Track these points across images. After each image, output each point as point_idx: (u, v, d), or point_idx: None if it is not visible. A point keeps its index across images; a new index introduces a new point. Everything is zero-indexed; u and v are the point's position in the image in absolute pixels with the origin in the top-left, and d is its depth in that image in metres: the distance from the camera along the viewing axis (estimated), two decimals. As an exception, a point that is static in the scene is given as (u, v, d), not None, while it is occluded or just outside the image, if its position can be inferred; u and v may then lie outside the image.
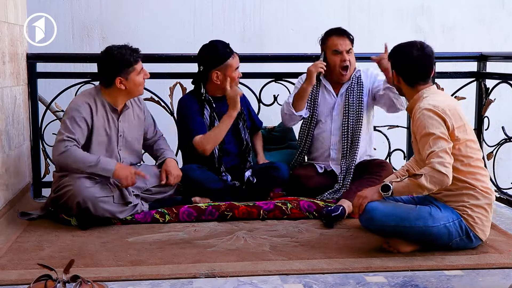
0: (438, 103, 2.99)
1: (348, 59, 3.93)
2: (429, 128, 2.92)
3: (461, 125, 2.99)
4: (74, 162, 3.45)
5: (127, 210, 3.55)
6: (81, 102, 3.55)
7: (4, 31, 3.75)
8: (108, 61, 3.55)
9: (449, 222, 2.98)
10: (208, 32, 5.66)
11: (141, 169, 3.75)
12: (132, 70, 3.55)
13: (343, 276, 2.78)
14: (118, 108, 3.64)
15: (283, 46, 5.58)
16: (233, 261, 2.94)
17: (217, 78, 3.89)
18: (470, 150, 3.01)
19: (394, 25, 5.99)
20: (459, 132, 2.98)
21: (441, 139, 2.90)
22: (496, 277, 2.80)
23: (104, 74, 3.59)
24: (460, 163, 2.98)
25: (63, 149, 3.45)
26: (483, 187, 3.01)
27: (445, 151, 2.88)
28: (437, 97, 3.06)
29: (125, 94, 3.61)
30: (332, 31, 3.98)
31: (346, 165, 3.93)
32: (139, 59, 3.58)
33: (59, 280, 2.49)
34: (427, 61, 3.09)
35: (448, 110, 2.97)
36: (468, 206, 3.00)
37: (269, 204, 3.71)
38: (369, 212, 3.00)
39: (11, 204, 3.73)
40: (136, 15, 5.67)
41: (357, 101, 3.96)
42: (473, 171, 3.01)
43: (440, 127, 2.92)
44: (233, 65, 3.88)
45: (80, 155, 3.46)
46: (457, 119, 2.99)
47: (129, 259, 2.98)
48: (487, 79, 4.43)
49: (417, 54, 3.07)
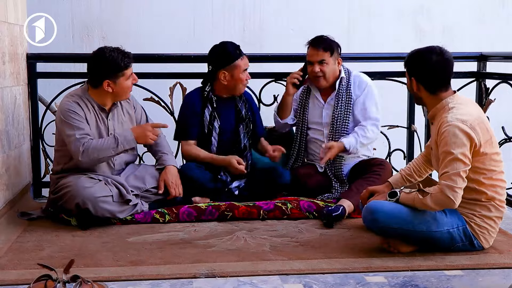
0: (467, 117, 2.90)
1: (320, 70, 3.95)
2: (450, 147, 2.85)
3: (488, 139, 2.93)
4: (99, 153, 3.47)
5: (127, 210, 3.55)
6: (71, 102, 3.54)
7: (4, 31, 3.75)
8: (99, 63, 3.53)
9: (453, 228, 2.97)
10: (208, 32, 5.66)
11: (140, 169, 3.75)
12: (121, 75, 3.54)
13: (343, 276, 2.78)
14: (106, 107, 3.63)
15: (283, 46, 5.57)
16: (233, 261, 2.94)
17: (224, 78, 3.90)
18: (494, 163, 2.97)
19: (394, 25, 5.99)
20: (486, 147, 2.92)
21: (459, 161, 2.84)
22: (496, 277, 2.80)
23: (93, 75, 3.58)
24: (482, 176, 2.95)
25: (82, 149, 3.44)
26: (499, 201, 3.00)
27: (458, 174, 2.83)
28: (465, 108, 2.96)
29: (111, 96, 3.61)
30: (310, 41, 4.02)
31: (333, 173, 3.97)
32: (130, 64, 3.57)
33: (59, 280, 2.49)
34: (447, 66, 2.99)
35: (477, 124, 2.90)
36: (478, 215, 2.99)
37: (269, 204, 3.71)
38: (373, 213, 3.00)
39: (11, 204, 3.73)
40: (136, 15, 5.67)
41: (344, 109, 3.97)
42: (495, 184, 2.98)
43: (462, 147, 2.84)
44: (241, 66, 3.90)
45: (99, 144, 3.47)
46: (485, 133, 2.92)
47: (129, 259, 2.98)
48: (487, 79, 4.43)
49: (437, 59, 2.97)
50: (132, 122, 3.78)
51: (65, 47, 5.39)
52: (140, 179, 3.69)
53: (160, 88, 4.32)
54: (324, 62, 3.95)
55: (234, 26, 5.79)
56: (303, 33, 5.63)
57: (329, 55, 3.95)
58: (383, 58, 4.76)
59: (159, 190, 3.71)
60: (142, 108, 3.90)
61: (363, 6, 5.98)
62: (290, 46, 5.44)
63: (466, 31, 6.10)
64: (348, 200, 3.67)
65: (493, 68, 4.53)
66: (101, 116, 3.62)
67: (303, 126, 4.09)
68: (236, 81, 3.91)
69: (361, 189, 3.46)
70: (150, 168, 3.81)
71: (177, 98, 4.28)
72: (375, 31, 5.92)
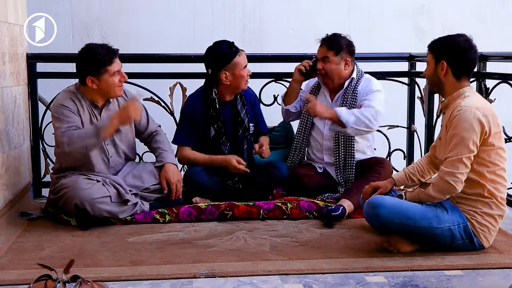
0: (482, 105, 2.96)
1: (322, 67, 3.94)
2: (459, 130, 2.88)
3: (497, 131, 2.96)
4: (83, 141, 3.41)
5: (126, 210, 3.55)
6: (65, 98, 3.56)
7: (4, 31, 3.75)
8: (82, 59, 3.54)
9: (454, 225, 2.98)
10: (208, 32, 5.66)
11: (138, 168, 3.74)
12: (104, 72, 3.51)
13: (343, 276, 2.78)
14: (99, 104, 3.63)
15: (283, 46, 5.58)
16: (233, 261, 2.94)
17: (227, 78, 3.85)
18: (499, 158, 2.99)
19: (394, 25, 5.99)
20: (495, 138, 2.94)
21: (465, 146, 2.87)
22: (496, 277, 2.80)
23: (77, 71, 3.58)
24: (486, 168, 2.96)
25: (66, 139, 3.43)
26: (501, 198, 3.01)
27: (460, 161, 2.86)
28: (479, 99, 3.03)
29: (99, 93, 3.59)
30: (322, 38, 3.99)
31: (344, 177, 3.93)
32: (113, 60, 3.53)
33: (59, 280, 2.49)
34: (476, 52, 3.07)
35: (490, 114, 2.94)
36: (479, 213, 3.00)
37: (269, 204, 3.71)
38: (375, 209, 3.01)
39: (11, 204, 3.73)
40: (136, 15, 5.67)
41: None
42: (495, 180, 2.99)
43: (471, 132, 2.87)
44: (240, 63, 3.85)
45: (82, 132, 3.44)
46: (495, 125, 2.96)
47: (129, 259, 2.98)
48: (487, 79, 4.42)
49: (469, 46, 3.05)
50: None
51: (65, 47, 5.38)
52: (138, 178, 3.69)
53: (160, 88, 4.32)
54: (327, 60, 3.92)
55: (234, 26, 5.79)
56: (303, 33, 5.68)
57: (333, 53, 3.91)
58: (383, 58, 4.76)
59: (164, 190, 3.71)
60: (144, 108, 3.86)
61: (363, 6, 5.99)
62: (290, 46, 5.46)
63: (466, 31, 6.06)
64: (348, 200, 3.67)
65: (493, 68, 4.52)
66: (94, 112, 3.62)
67: (308, 122, 4.06)
68: (238, 79, 3.86)
69: (361, 189, 3.46)
70: (148, 166, 3.80)
71: (177, 98, 4.28)
72: (375, 31, 5.92)
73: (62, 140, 3.46)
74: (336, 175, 3.96)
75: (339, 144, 3.93)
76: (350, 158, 3.92)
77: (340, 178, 3.94)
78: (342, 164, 3.93)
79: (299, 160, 4.10)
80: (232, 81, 3.86)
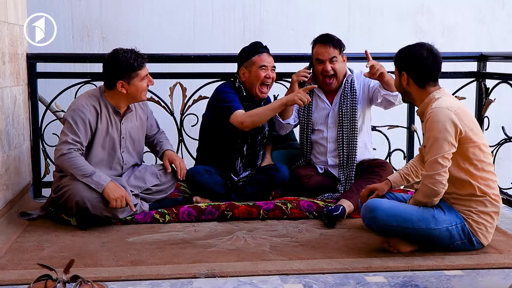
0: (452, 104, 2.98)
1: (331, 68, 3.88)
2: (432, 132, 2.91)
3: (473, 128, 2.98)
4: (70, 167, 3.43)
5: (127, 210, 3.55)
6: (87, 104, 3.53)
7: (4, 31, 3.75)
8: (112, 63, 3.54)
9: (452, 226, 2.98)
10: (208, 32, 5.66)
11: (140, 169, 3.75)
12: (135, 76, 3.54)
13: (343, 276, 2.78)
14: (121, 111, 3.64)
15: (283, 46, 5.57)
16: (233, 261, 2.94)
17: (243, 75, 3.90)
18: (484, 154, 3.00)
19: (394, 25, 5.99)
20: (472, 134, 2.96)
21: (438, 146, 2.89)
22: (496, 277, 2.80)
23: (107, 76, 3.58)
24: (474, 167, 2.98)
25: (65, 151, 3.44)
26: (494, 195, 3.02)
27: (435, 161, 2.89)
28: (450, 99, 3.05)
29: (126, 98, 3.59)
30: (317, 39, 3.93)
31: (345, 175, 3.93)
32: (143, 65, 3.57)
33: (59, 280, 2.49)
34: (436, 61, 3.09)
35: (462, 112, 2.96)
36: (475, 212, 3.00)
37: (269, 204, 3.71)
38: (372, 212, 3.01)
39: (11, 204, 3.73)
40: (136, 15, 5.67)
41: (351, 108, 3.93)
42: (485, 177, 3.00)
43: (444, 132, 2.89)
44: (257, 62, 3.86)
45: (78, 163, 3.43)
46: (469, 122, 2.97)
47: (129, 259, 2.98)
48: (487, 79, 4.43)
49: (427, 55, 3.07)
50: (143, 129, 3.79)
51: (65, 47, 5.39)
52: (141, 179, 3.70)
53: (160, 88, 4.32)
54: (335, 59, 3.88)
55: (234, 26, 5.79)
56: (303, 33, 5.67)
57: (338, 52, 3.90)
58: (383, 58, 4.73)
59: (167, 169, 3.76)
60: (154, 117, 3.92)
61: (363, 6, 5.98)
62: (290, 46, 5.46)
63: (466, 31, 6.10)
64: (348, 200, 3.67)
65: (493, 68, 4.53)
66: (115, 119, 3.61)
67: (308, 129, 4.01)
68: (253, 78, 3.86)
69: (361, 190, 3.46)
70: (150, 167, 3.82)
71: (177, 98, 4.28)
72: (375, 31, 5.92)
73: (60, 150, 3.46)
74: (339, 174, 3.96)
75: (343, 145, 3.93)
76: (353, 156, 3.92)
77: (342, 176, 3.94)
78: (345, 163, 3.93)
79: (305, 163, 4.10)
80: (247, 79, 3.89)
